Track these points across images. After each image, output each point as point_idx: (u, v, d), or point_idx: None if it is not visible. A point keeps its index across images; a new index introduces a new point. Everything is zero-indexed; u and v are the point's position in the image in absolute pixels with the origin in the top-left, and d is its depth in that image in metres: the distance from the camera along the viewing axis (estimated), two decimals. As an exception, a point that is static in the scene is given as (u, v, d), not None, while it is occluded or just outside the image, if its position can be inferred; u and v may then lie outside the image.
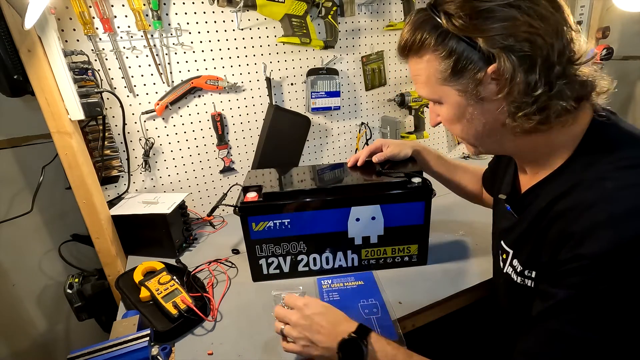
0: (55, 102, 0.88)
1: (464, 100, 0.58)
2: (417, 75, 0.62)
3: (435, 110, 0.66)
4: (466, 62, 0.54)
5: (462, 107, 0.59)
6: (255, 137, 1.34)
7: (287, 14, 1.18)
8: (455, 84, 0.57)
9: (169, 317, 0.81)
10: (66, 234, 1.27)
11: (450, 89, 0.58)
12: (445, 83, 0.58)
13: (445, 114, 0.62)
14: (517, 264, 0.65)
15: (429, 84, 0.60)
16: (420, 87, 0.62)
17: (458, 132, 0.64)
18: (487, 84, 0.54)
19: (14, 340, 1.32)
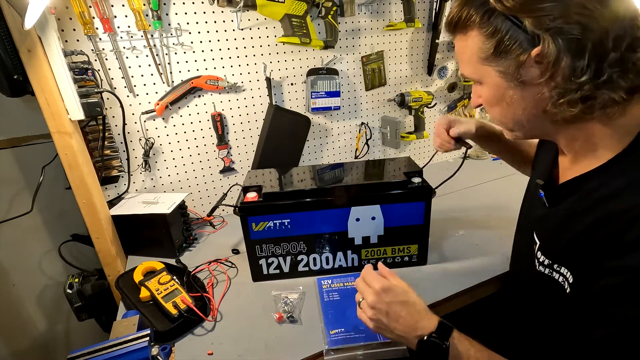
0: (55, 102, 0.88)
1: (504, 82, 0.56)
2: (461, 53, 0.60)
3: (477, 90, 0.64)
4: (510, 43, 0.52)
5: (501, 89, 0.57)
6: (255, 137, 1.34)
7: (287, 14, 1.18)
8: (497, 64, 0.55)
9: (169, 317, 0.81)
10: (66, 234, 1.27)
11: (492, 69, 0.56)
12: (486, 63, 0.56)
13: (486, 95, 0.60)
14: (541, 255, 0.62)
15: (471, 62, 0.58)
16: (463, 65, 0.61)
17: (497, 116, 0.62)
18: (529, 67, 0.52)
19: (14, 340, 1.32)
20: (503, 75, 0.55)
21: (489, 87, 0.59)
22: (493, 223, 1.17)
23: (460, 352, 0.58)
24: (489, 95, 0.60)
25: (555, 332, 0.63)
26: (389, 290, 0.63)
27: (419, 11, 1.44)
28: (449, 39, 1.53)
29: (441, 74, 1.60)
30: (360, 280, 0.68)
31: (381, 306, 0.62)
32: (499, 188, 1.43)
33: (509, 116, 0.60)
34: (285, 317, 0.83)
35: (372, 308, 0.63)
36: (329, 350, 0.75)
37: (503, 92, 0.57)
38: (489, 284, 0.93)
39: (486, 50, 0.55)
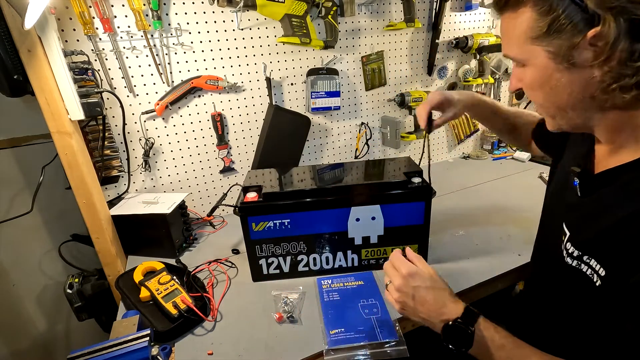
0: (55, 102, 0.88)
1: (553, 63, 0.53)
2: (507, 32, 0.57)
3: (517, 74, 0.61)
4: (565, 21, 0.49)
5: (548, 71, 0.54)
6: (255, 137, 1.34)
7: (287, 14, 1.18)
8: (548, 44, 0.52)
9: (169, 317, 0.81)
10: (66, 234, 1.27)
11: (541, 49, 0.53)
12: (536, 42, 0.53)
13: (530, 77, 0.57)
14: (571, 247, 0.61)
15: (518, 41, 0.55)
16: (509, 45, 0.58)
17: (540, 100, 0.59)
18: (583, 48, 0.49)
19: (14, 340, 1.32)
20: (552, 57, 0.52)
21: (535, 69, 0.56)
22: (493, 223, 1.17)
23: (486, 337, 0.58)
24: (533, 77, 0.56)
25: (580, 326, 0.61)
26: (415, 274, 0.64)
27: (419, 11, 1.44)
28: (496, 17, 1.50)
29: (441, 74, 1.60)
30: (388, 263, 0.68)
31: (407, 290, 0.63)
32: (499, 188, 1.43)
33: (553, 101, 0.57)
34: (285, 317, 0.83)
35: (399, 291, 0.64)
36: (329, 350, 0.75)
37: (550, 74, 0.54)
38: (489, 284, 0.93)
39: (538, 29, 0.52)
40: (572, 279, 0.60)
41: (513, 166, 1.63)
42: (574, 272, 0.59)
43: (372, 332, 0.78)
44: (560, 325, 0.67)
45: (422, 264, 0.66)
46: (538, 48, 0.53)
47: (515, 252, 1.01)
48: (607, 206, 0.56)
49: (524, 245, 1.02)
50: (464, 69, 1.60)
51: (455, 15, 1.52)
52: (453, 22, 1.53)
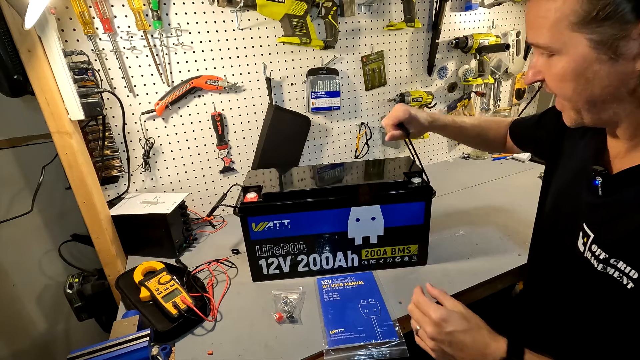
0: (55, 102, 0.88)
1: (594, 54, 0.49)
2: (541, 17, 0.52)
3: (540, 64, 0.56)
4: (617, 8, 0.45)
5: (587, 62, 0.50)
6: (255, 137, 1.34)
7: (287, 14, 1.18)
8: (592, 32, 0.48)
9: (169, 317, 0.81)
10: (66, 234, 1.27)
11: (583, 37, 0.49)
12: (578, 29, 0.48)
13: (561, 68, 0.52)
14: (597, 249, 0.57)
15: (555, 28, 0.50)
16: (541, 31, 0.52)
17: (568, 93, 0.54)
18: (632, 39, 0.46)
19: (14, 340, 1.32)
20: (595, 46, 0.48)
21: (570, 59, 0.51)
22: (493, 223, 1.17)
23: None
24: (567, 68, 0.52)
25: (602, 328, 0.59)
26: (447, 319, 0.59)
27: (419, 11, 1.44)
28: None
29: (441, 74, 1.60)
30: (413, 307, 0.64)
31: (443, 337, 0.59)
32: (499, 188, 1.43)
33: (584, 94, 0.53)
34: (285, 317, 0.83)
35: (433, 340, 0.60)
36: (329, 350, 0.75)
37: (587, 65, 0.50)
38: (489, 284, 0.93)
39: (583, 15, 0.47)
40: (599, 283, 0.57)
41: (513, 166, 1.63)
42: (600, 276, 0.56)
43: (372, 332, 0.78)
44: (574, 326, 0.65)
45: (449, 301, 0.63)
46: (579, 35, 0.49)
47: (515, 252, 1.01)
48: (634, 206, 0.53)
49: (524, 245, 1.02)
50: (464, 69, 1.60)
51: (455, 15, 1.52)
52: (453, 22, 1.53)
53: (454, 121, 0.98)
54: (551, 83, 0.56)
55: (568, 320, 0.66)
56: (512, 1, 1.58)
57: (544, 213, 0.78)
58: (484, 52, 1.55)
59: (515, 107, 1.83)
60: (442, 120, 0.96)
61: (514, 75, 1.74)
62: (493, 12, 1.59)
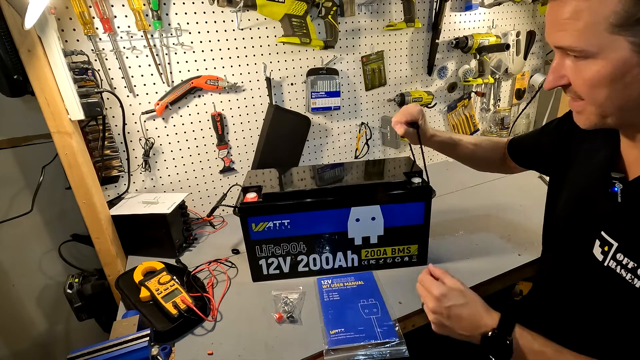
0: (55, 102, 0.88)
1: (636, 57, 0.46)
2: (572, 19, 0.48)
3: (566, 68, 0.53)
4: None
5: (627, 66, 0.47)
6: (255, 137, 1.34)
7: (287, 14, 1.18)
8: (636, 34, 0.45)
9: (169, 317, 0.81)
10: (66, 234, 1.27)
11: (624, 40, 0.46)
12: (620, 31, 0.45)
13: (595, 73, 0.49)
14: (623, 257, 0.55)
15: (592, 29, 0.47)
16: (571, 34, 0.49)
17: (600, 98, 0.51)
18: None
19: (14, 340, 1.32)
20: (638, 49, 0.45)
21: (608, 63, 0.48)
22: (493, 223, 1.17)
23: (524, 345, 0.58)
24: (603, 72, 0.48)
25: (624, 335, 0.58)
26: (446, 295, 0.63)
27: (419, 11, 1.44)
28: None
29: (441, 74, 1.60)
30: (419, 285, 0.69)
31: (442, 311, 0.63)
32: (499, 188, 1.43)
33: (619, 100, 0.50)
34: (285, 317, 0.83)
35: (434, 313, 0.64)
36: (329, 350, 0.75)
37: (627, 69, 0.47)
38: (489, 284, 0.93)
39: (627, 16, 0.44)
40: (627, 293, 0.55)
41: (513, 166, 1.63)
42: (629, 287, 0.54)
43: (372, 332, 0.78)
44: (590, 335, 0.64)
45: (449, 279, 0.66)
46: (620, 38, 0.46)
47: (515, 252, 1.01)
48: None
49: (523, 246, 1.03)
50: (464, 69, 1.60)
51: (455, 15, 1.52)
52: (453, 22, 1.53)
53: (451, 138, 0.97)
54: (581, 88, 0.52)
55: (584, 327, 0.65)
56: (512, 1, 1.58)
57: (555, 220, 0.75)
58: (484, 52, 1.55)
59: (515, 107, 1.83)
60: (441, 135, 0.96)
61: (514, 75, 1.74)
62: (493, 12, 1.59)
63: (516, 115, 1.82)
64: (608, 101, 0.51)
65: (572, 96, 0.56)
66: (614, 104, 0.51)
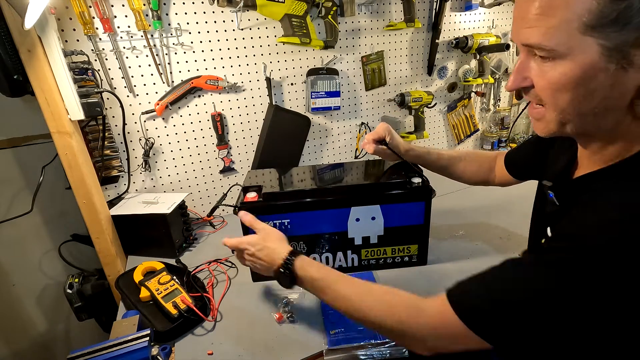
0: (55, 102, 0.88)
1: (603, 62, 0.44)
2: (543, 15, 0.45)
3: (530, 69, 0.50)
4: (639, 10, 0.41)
5: (594, 70, 0.44)
6: (255, 137, 1.34)
7: (287, 14, 1.18)
8: (607, 37, 0.42)
9: (169, 317, 0.81)
10: (66, 234, 1.27)
11: (594, 42, 0.43)
12: (592, 33, 0.43)
13: (560, 75, 0.46)
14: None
15: (564, 27, 0.44)
16: (541, 30, 0.46)
17: (562, 104, 0.49)
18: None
19: (14, 340, 1.32)
20: (607, 53, 0.43)
21: (576, 66, 0.45)
22: (493, 223, 1.17)
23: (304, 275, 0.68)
24: (569, 76, 0.46)
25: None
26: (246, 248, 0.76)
27: (419, 11, 1.44)
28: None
29: (441, 74, 1.60)
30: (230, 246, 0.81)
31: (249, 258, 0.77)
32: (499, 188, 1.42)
33: (580, 106, 0.48)
34: (285, 317, 0.83)
35: (241, 258, 0.80)
36: (329, 350, 0.75)
37: (594, 73, 0.45)
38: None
39: (600, 16, 0.42)
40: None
41: (513, 166, 1.63)
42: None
43: (372, 332, 0.78)
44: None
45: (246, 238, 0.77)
46: (590, 40, 0.43)
47: (515, 252, 1.01)
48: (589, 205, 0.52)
49: (523, 246, 1.02)
50: (464, 69, 1.60)
51: (455, 15, 1.52)
52: (453, 22, 1.53)
53: (429, 152, 0.97)
54: (544, 91, 0.50)
55: None
56: (512, 1, 1.58)
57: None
58: (484, 52, 1.55)
59: (515, 107, 1.83)
60: (418, 150, 0.97)
61: (514, 75, 1.74)
62: (493, 12, 1.59)
63: (516, 115, 1.82)
64: (570, 107, 0.49)
65: (533, 100, 0.54)
66: (575, 110, 0.49)
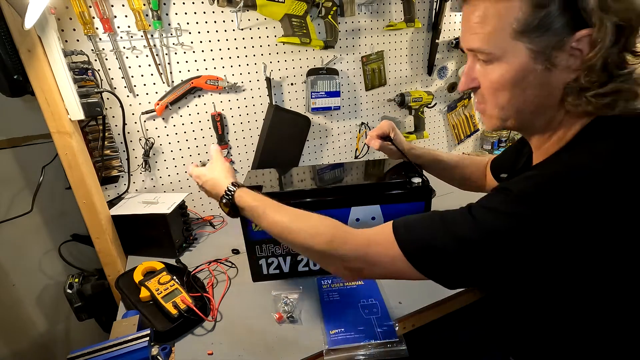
0: (55, 102, 0.88)
1: (531, 63, 0.50)
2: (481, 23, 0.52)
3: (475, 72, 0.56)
4: (558, 18, 0.46)
5: (525, 71, 0.51)
6: (255, 137, 1.34)
7: (287, 14, 1.18)
8: (532, 41, 0.49)
9: (169, 317, 0.81)
10: (66, 234, 1.26)
11: (522, 46, 0.49)
12: (520, 37, 0.49)
13: (498, 76, 0.53)
14: None
15: (497, 34, 0.50)
16: (480, 37, 0.52)
17: (503, 102, 0.55)
18: (567, 50, 0.48)
19: (14, 340, 1.32)
20: (534, 55, 0.49)
21: (509, 67, 0.51)
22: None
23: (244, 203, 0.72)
24: (506, 76, 0.52)
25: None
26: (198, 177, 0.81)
27: (419, 11, 1.44)
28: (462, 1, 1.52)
29: (441, 74, 1.60)
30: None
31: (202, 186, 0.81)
32: (499, 188, 1.42)
33: (517, 104, 0.54)
34: (285, 317, 0.83)
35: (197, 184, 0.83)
36: (329, 350, 0.75)
37: (525, 74, 0.51)
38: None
39: (526, 23, 0.48)
40: None
41: (513, 166, 1.62)
42: None
43: (372, 332, 0.78)
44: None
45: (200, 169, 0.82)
46: (519, 44, 0.50)
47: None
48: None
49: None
50: (463, 69, 1.59)
51: (455, 15, 1.52)
52: (453, 22, 1.53)
53: (430, 153, 0.98)
54: (486, 91, 0.56)
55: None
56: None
57: None
58: (484, 52, 1.55)
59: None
60: (419, 150, 0.98)
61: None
62: None
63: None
64: (508, 105, 0.55)
65: (479, 99, 0.59)
66: (514, 107, 0.55)
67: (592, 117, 0.52)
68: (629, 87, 0.48)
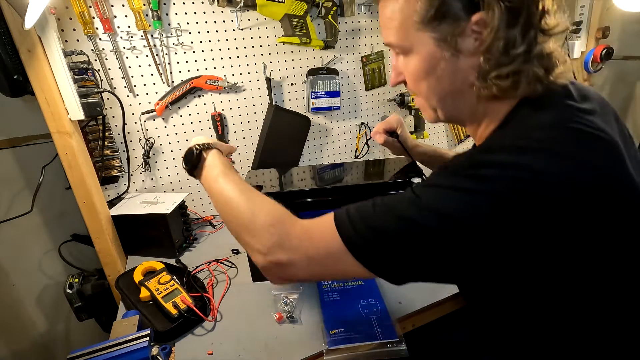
0: (55, 102, 0.88)
1: (439, 51, 0.52)
2: (389, 19, 0.55)
3: (399, 66, 0.59)
4: (453, 4, 0.49)
5: (434, 59, 0.53)
6: (255, 137, 1.34)
7: (287, 14, 1.18)
8: (434, 30, 0.51)
9: (169, 317, 0.81)
10: (66, 234, 1.26)
11: (427, 36, 0.52)
12: (423, 28, 0.52)
13: (413, 67, 0.56)
14: None
15: (403, 28, 0.54)
16: (391, 32, 0.55)
17: (423, 92, 0.58)
18: (467, 35, 0.50)
19: (14, 340, 1.32)
20: (438, 43, 0.52)
21: (420, 57, 0.54)
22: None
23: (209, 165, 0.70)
24: (419, 67, 0.55)
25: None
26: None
27: (419, 11, 1.44)
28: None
29: (441, 74, 1.59)
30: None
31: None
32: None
33: (437, 92, 0.56)
34: (285, 317, 0.83)
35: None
36: (329, 350, 0.75)
37: (435, 63, 0.53)
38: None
39: (424, 14, 0.51)
40: None
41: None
42: None
43: (372, 332, 0.78)
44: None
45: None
46: (424, 35, 0.52)
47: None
48: None
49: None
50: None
51: (455, 15, 1.52)
52: (453, 22, 1.53)
53: (436, 151, 0.98)
54: (409, 82, 0.59)
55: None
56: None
57: None
58: (484, 52, 1.55)
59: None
60: (424, 147, 0.98)
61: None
62: None
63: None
64: (430, 94, 0.57)
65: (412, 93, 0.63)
66: (436, 95, 0.57)
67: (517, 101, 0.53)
68: (529, 67, 0.49)
